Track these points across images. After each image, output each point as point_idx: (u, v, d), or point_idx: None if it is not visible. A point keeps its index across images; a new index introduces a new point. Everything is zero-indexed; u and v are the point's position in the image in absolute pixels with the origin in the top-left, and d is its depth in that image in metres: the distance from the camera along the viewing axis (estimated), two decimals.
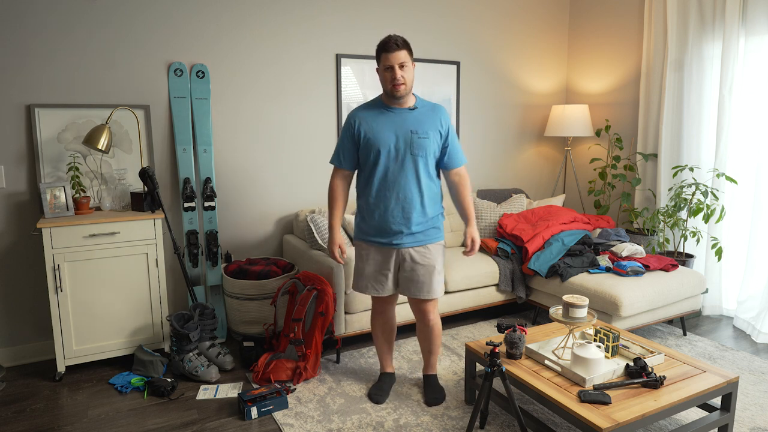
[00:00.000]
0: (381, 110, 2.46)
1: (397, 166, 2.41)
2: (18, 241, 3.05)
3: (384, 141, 2.40)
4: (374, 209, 2.47)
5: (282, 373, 2.83)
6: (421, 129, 2.42)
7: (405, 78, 2.35)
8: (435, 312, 2.61)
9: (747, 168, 3.63)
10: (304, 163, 3.77)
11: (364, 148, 2.44)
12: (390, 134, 2.41)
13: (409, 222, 2.45)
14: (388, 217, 2.44)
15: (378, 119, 2.44)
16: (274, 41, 3.55)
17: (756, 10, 3.41)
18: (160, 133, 3.31)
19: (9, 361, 3.09)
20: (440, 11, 4.11)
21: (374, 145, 2.41)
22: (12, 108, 2.95)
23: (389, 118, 2.43)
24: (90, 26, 3.06)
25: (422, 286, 2.51)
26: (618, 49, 4.32)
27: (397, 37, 2.34)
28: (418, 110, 2.46)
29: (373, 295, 2.58)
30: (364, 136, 2.43)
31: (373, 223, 2.48)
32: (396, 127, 2.41)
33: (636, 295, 3.06)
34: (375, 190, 2.45)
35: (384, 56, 2.35)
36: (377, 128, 2.42)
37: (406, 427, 2.43)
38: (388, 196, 2.43)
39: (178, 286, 3.47)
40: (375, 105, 2.49)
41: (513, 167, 4.68)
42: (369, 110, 2.47)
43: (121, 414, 2.55)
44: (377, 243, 2.50)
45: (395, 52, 2.32)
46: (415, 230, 2.47)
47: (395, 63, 2.33)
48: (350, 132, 2.46)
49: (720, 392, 2.21)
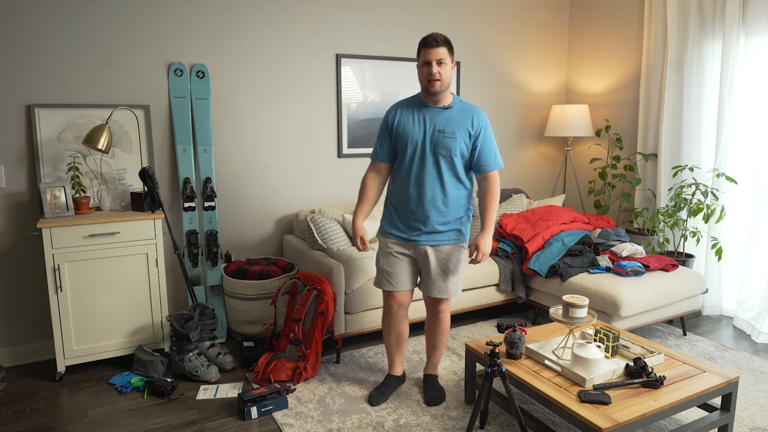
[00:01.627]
0: (416, 106, 2.49)
1: (420, 162, 2.44)
2: (18, 241, 3.05)
3: (412, 137, 2.44)
4: (396, 202, 2.52)
5: (282, 373, 2.83)
6: (448, 128, 2.42)
7: (441, 74, 2.36)
8: (446, 309, 2.64)
9: (747, 168, 3.63)
10: (305, 163, 3.77)
11: (397, 143, 2.49)
12: (419, 131, 2.44)
13: (428, 220, 2.46)
14: (408, 212, 2.48)
15: (411, 115, 2.47)
16: (274, 41, 3.55)
17: (756, 10, 3.41)
18: (160, 133, 3.31)
19: (9, 361, 3.09)
20: (440, 11, 4.11)
21: (403, 138, 2.46)
22: (12, 108, 2.95)
23: (422, 114, 2.46)
24: (90, 26, 3.06)
25: (434, 284, 2.53)
26: (618, 49, 4.32)
27: (438, 34, 2.37)
28: (451, 110, 2.46)
29: (387, 289, 2.58)
30: (397, 131, 2.48)
31: (396, 216, 2.54)
32: (426, 124, 2.44)
33: (636, 295, 3.06)
34: (399, 184, 2.50)
35: (423, 51, 2.37)
36: (409, 123, 2.46)
37: (406, 427, 2.43)
38: (410, 191, 2.46)
39: (178, 286, 3.47)
40: (412, 101, 2.52)
41: (513, 167, 4.68)
42: (406, 105, 2.51)
43: (121, 414, 2.55)
44: (396, 237, 2.54)
45: (435, 48, 2.35)
46: (434, 229, 2.47)
47: (433, 59, 2.34)
48: (386, 124, 2.52)
49: (720, 392, 2.21)
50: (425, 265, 2.53)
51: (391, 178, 2.59)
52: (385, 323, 2.70)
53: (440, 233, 2.49)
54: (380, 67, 3.92)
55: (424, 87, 2.43)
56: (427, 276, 2.54)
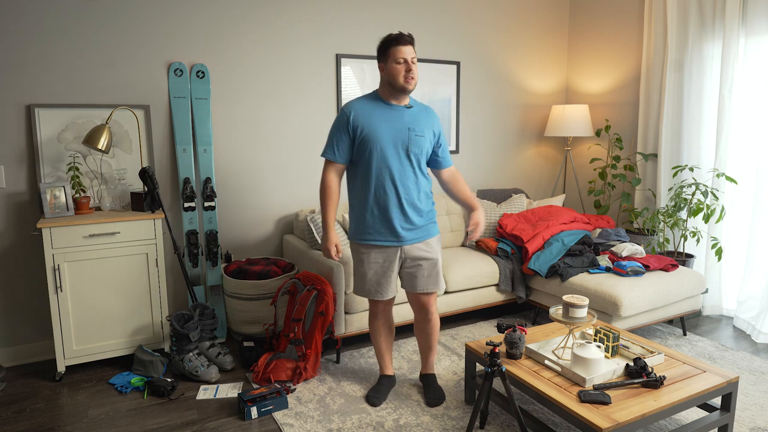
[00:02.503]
0: (378, 105, 2.44)
1: (395, 162, 2.41)
2: (18, 241, 3.05)
3: (382, 137, 2.39)
4: (373, 207, 2.45)
5: (282, 373, 2.83)
6: (418, 127, 2.43)
7: (415, 73, 2.37)
8: (436, 306, 2.64)
9: (747, 168, 3.63)
10: (305, 163, 3.77)
11: (360, 144, 2.41)
12: (388, 131, 2.40)
13: (410, 218, 2.46)
14: (389, 214, 2.44)
15: (375, 114, 2.41)
16: (274, 41, 3.55)
17: (756, 10, 3.41)
18: (160, 133, 3.31)
19: (9, 361, 3.09)
20: (440, 11, 4.11)
21: (371, 140, 2.39)
22: (12, 108, 2.95)
23: (387, 114, 2.42)
24: (90, 26, 3.06)
25: (428, 280, 2.53)
26: (618, 49, 4.32)
27: (406, 32, 2.38)
28: (414, 109, 2.48)
29: (378, 299, 2.56)
30: (361, 131, 2.39)
31: (373, 222, 2.47)
32: (393, 123, 2.41)
33: (636, 295, 3.06)
34: (373, 187, 2.43)
35: (397, 49, 2.34)
36: (375, 123, 2.40)
37: (406, 427, 2.43)
38: (387, 193, 2.42)
39: (178, 286, 3.47)
40: (372, 99, 2.46)
41: (513, 167, 4.68)
42: (365, 104, 2.44)
43: (121, 414, 2.55)
44: (378, 243, 2.49)
45: (408, 45, 2.35)
46: (416, 226, 2.48)
47: (409, 56, 2.34)
48: (344, 124, 2.41)
49: (720, 392, 2.21)
50: (414, 263, 2.51)
51: (357, 182, 2.49)
52: (373, 326, 2.69)
53: (422, 228, 2.50)
54: None
55: (398, 86, 2.36)
56: (417, 273, 2.52)
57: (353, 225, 2.56)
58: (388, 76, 2.39)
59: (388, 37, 2.37)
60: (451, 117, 4.28)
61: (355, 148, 2.44)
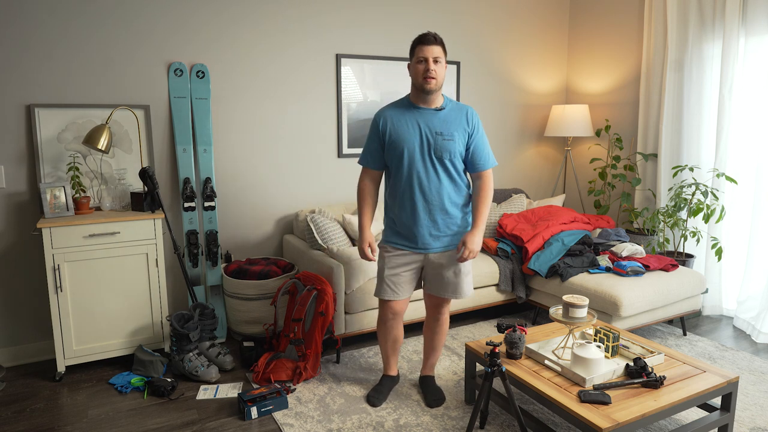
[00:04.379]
0: (407, 109, 2.41)
1: (421, 167, 2.37)
2: (18, 241, 3.05)
3: (408, 141, 2.36)
4: (400, 211, 2.43)
5: (282, 373, 2.83)
6: (446, 131, 2.37)
7: (437, 72, 2.32)
8: (448, 311, 2.63)
9: (747, 168, 3.63)
10: (305, 163, 3.77)
11: (389, 148, 2.40)
12: (414, 134, 2.37)
13: (438, 225, 2.42)
14: (416, 220, 2.41)
15: (403, 118, 2.39)
16: (274, 41, 3.55)
17: (756, 10, 3.41)
18: (160, 133, 3.31)
19: (9, 361, 3.09)
20: (440, 11, 4.11)
21: (398, 145, 2.37)
22: (12, 108, 2.95)
23: (414, 117, 2.39)
24: (90, 26, 3.06)
25: (448, 286, 2.50)
26: (618, 49, 4.32)
27: (434, 33, 2.35)
28: (445, 111, 2.41)
29: (388, 298, 2.52)
30: (389, 136, 2.38)
31: (400, 226, 2.45)
32: (421, 127, 2.37)
33: (636, 295, 3.06)
34: (400, 191, 2.41)
35: (420, 48, 2.33)
36: (401, 128, 2.37)
37: (406, 427, 2.43)
38: (414, 198, 2.39)
39: (178, 286, 3.47)
40: (401, 104, 2.44)
41: (513, 167, 4.68)
42: (395, 109, 2.43)
43: (121, 414, 2.55)
44: (404, 246, 2.47)
45: (432, 45, 2.31)
46: (443, 234, 2.44)
47: (430, 56, 2.31)
48: (376, 131, 2.43)
49: (720, 392, 2.21)
50: (438, 270, 2.48)
51: (389, 186, 2.49)
52: (381, 330, 2.66)
53: (448, 236, 2.46)
54: (380, 67, 3.92)
55: (418, 85, 2.36)
56: (440, 279, 2.49)
57: (385, 228, 2.56)
58: (411, 76, 2.39)
59: (417, 37, 2.36)
60: None
61: (385, 153, 2.43)
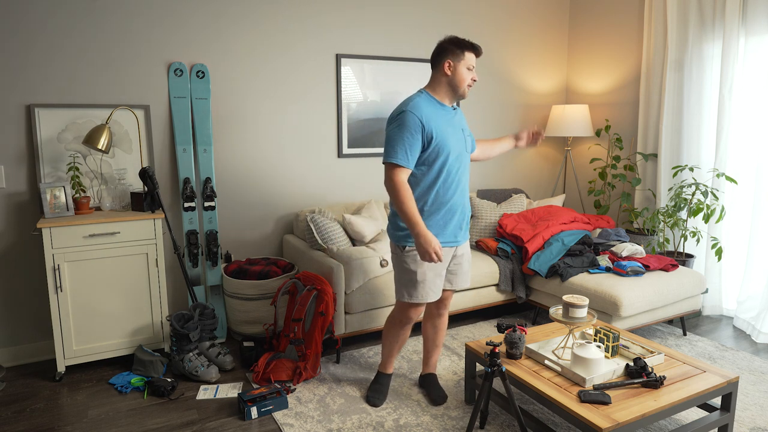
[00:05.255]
0: (438, 108, 2.38)
1: (460, 165, 2.42)
2: (18, 241, 3.05)
3: (453, 141, 2.37)
4: (439, 211, 2.39)
5: (282, 373, 2.83)
6: (465, 127, 2.50)
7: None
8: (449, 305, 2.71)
9: (747, 168, 3.63)
10: (305, 163, 3.77)
11: (432, 150, 2.32)
12: (453, 134, 2.38)
13: (465, 217, 2.50)
14: (454, 217, 2.43)
15: (442, 119, 2.36)
16: (274, 41, 3.55)
17: (756, 10, 3.41)
18: (160, 133, 3.31)
19: (9, 361, 3.09)
20: (440, 11, 4.11)
21: (444, 145, 2.33)
22: (12, 108, 2.95)
23: (447, 117, 2.40)
24: (90, 26, 3.06)
25: (465, 276, 2.60)
26: (618, 49, 4.32)
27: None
28: (457, 110, 2.51)
29: (432, 300, 2.48)
30: (435, 136, 2.31)
31: (437, 225, 2.40)
32: (453, 127, 2.41)
33: (636, 295, 3.06)
34: (442, 192, 2.38)
35: (471, 55, 2.35)
36: (442, 128, 2.34)
37: (406, 427, 2.43)
38: (455, 197, 2.42)
39: (178, 286, 3.47)
40: (431, 103, 2.37)
41: (513, 167, 4.68)
42: (430, 108, 2.35)
43: (121, 414, 2.55)
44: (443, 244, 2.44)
45: (478, 56, 2.40)
46: (466, 224, 2.52)
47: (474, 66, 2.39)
48: (418, 130, 2.29)
49: (720, 392, 2.21)
50: (459, 260, 2.55)
51: (422, 186, 2.38)
52: (395, 331, 2.61)
53: (468, 227, 2.56)
54: (380, 67, 3.92)
55: (461, 91, 2.37)
56: (461, 270, 2.57)
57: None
58: (454, 78, 2.34)
59: (464, 40, 2.34)
60: None
61: (426, 153, 2.34)
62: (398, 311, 2.55)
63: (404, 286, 2.45)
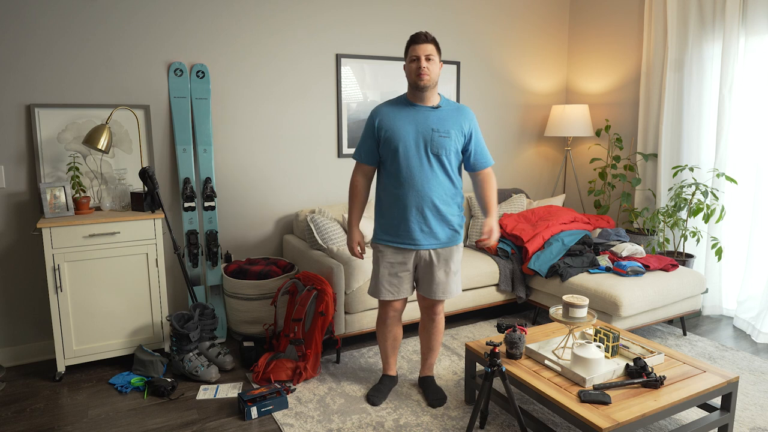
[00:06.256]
0: (404, 106, 2.46)
1: (415, 164, 2.40)
2: (18, 241, 3.05)
3: (403, 137, 2.39)
4: (393, 208, 2.45)
5: (282, 373, 2.83)
6: (442, 128, 2.41)
7: (430, 69, 2.37)
8: (442, 311, 2.64)
9: (747, 168, 3.63)
10: (305, 163, 3.77)
11: (384, 145, 2.44)
12: (409, 131, 2.40)
13: (427, 222, 2.43)
14: (407, 216, 2.43)
15: (399, 115, 2.43)
16: (274, 41, 3.55)
17: (756, 10, 3.41)
18: (160, 133, 3.31)
19: (9, 361, 3.09)
20: (440, 11, 4.11)
21: (393, 141, 2.40)
22: (12, 108, 2.95)
23: (411, 114, 2.43)
24: (90, 26, 3.06)
25: (438, 287, 2.51)
26: (618, 49, 4.32)
27: (426, 31, 2.42)
28: (441, 109, 2.45)
29: (387, 299, 2.54)
30: (385, 132, 2.42)
31: (392, 222, 2.47)
32: (417, 124, 2.41)
33: (636, 295, 3.06)
34: (394, 188, 2.44)
35: (412, 47, 2.38)
36: (397, 124, 2.41)
37: (406, 427, 2.43)
38: (407, 194, 2.41)
39: (178, 286, 3.47)
40: (398, 101, 2.49)
41: (513, 167, 4.68)
42: (391, 106, 2.48)
43: (121, 414, 2.55)
44: (394, 244, 2.48)
45: (423, 44, 2.37)
46: (433, 231, 2.45)
47: (422, 54, 2.36)
48: (372, 127, 2.47)
49: (720, 392, 2.21)
50: (428, 268, 2.50)
51: (381, 182, 2.51)
52: (381, 330, 2.68)
53: (440, 234, 2.47)
54: (380, 67, 3.92)
55: (412, 83, 2.40)
56: (430, 279, 2.51)
57: (376, 226, 2.57)
58: (406, 74, 2.44)
59: (410, 36, 2.42)
60: None
61: (380, 149, 2.47)
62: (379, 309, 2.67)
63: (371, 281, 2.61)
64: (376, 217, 2.57)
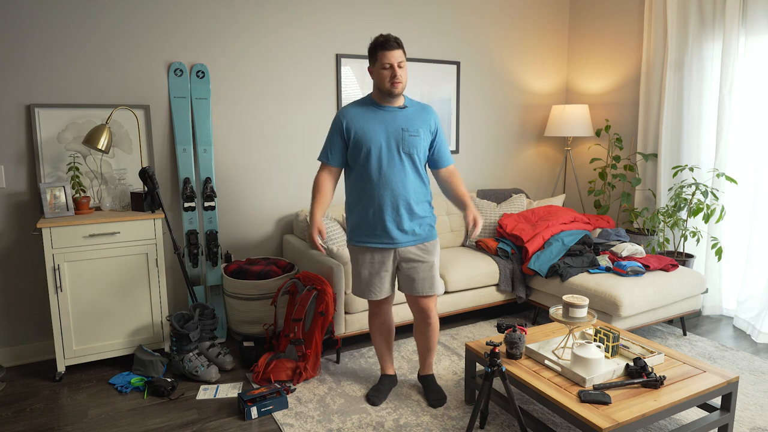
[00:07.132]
0: (371, 108, 2.46)
1: (388, 164, 2.41)
2: (18, 241, 3.05)
3: (374, 139, 2.40)
4: (368, 209, 2.46)
5: (282, 373, 2.83)
6: (412, 127, 2.43)
7: (402, 77, 2.38)
8: (435, 307, 2.63)
9: (747, 168, 3.63)
10: (305, 163, 3.77)
11: (353, 147, 2.44)
12: (380, 132, 2.41)
13: (403, 220, 2.45)
14: (383, 216, 2.43)
15: (367, 117, 2.44)
16: (274, 41, 3.55)
17: (756, 10, 3.41)
18: (160, 133, 3.31)
19: (9, 361, 3.09)
20: (440, 11, 4.11)
21: (364, 143, 2.41)
22: (12, 108, 2.95)
23: (380, 116, 2.44)
24: (90, 26, 3.06)
25: (424, 282, 2.51)
26: (618, 49, 4.32)
27: (394, 36, 2.37)
28: (408, 109, 2.48)
29: (371, 299, 2.58)
30: (354, 134, 2.42)
31: (368, 223, 2.47)
32: (386, 125, 2.42)
33: (636, 295, 3.06)
34: (367, 189, 2.44)
35: (383, 54, 2.35)
36: (367, 126, 2.42)
37: (406, 427, 2.43)
38: (381, 194, 2.42)
39: (178, 286, 3.47)
40: (365, 103, 2.49)
41: (513, 167, 4.68)
42: (358, 108, 2.47)
43: (121, 414, 2.55)
44: (373, 245, 2.49)
45: (395, 50, 2.35)
46: (411, 228, 2.47)
47: (395, 61, 2.34)
48: (339, 130, 2.46)
49: (720, 392, 2.21)
50: (410, 265, 2.50)
51: (353, 185, 2.51)
52: (372, 325, 2.70)
53: (417, 230, 2.49)
54: None
55: (385, 90, 2.39)
56: (414, 276, 2.51)
57: (349, 227, 2.56)
58: (376, 81, 2.42)
59: (376, 40, 2.38)
60: (451, 117, 4.28)
61: (349, 151, 2.47)
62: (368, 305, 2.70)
63: None
64: (348, 219, 2.57)
